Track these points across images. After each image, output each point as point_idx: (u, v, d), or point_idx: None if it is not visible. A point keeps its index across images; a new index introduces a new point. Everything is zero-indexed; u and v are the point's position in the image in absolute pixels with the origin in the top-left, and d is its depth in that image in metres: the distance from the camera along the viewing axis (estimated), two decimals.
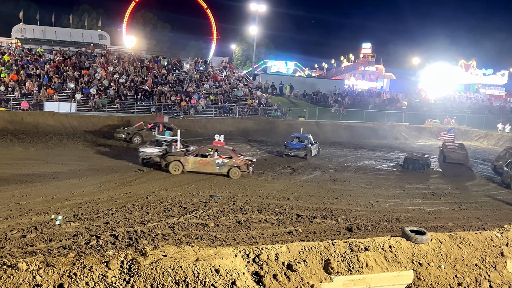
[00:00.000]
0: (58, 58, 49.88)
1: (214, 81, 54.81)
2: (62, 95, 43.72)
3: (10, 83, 42.94)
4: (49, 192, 18.00)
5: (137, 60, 54.48)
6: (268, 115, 50.30)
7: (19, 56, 48.67)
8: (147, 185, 20.46)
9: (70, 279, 6.69)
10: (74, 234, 13.23)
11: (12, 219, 14.29)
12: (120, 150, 30.31)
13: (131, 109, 44.59)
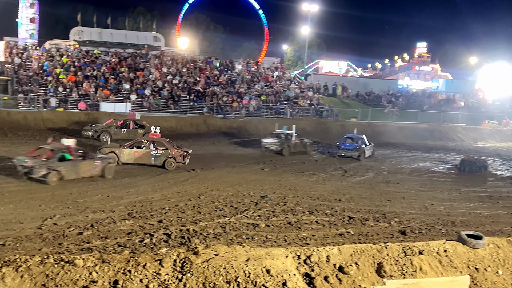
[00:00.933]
0: (114, 59, 51.09)
1: (266, 82, 54.91)
2: (118, 96, 44.73)
3: (68, 84, 44.28)
4: (105, 191, 18.48)
5: (190, 61, 55.16)
6: (319, 116, 49.97)
7: (76, 57, 50.09)
8: (199, 185, 20.70)
9: (124, 276, 6.84)
10: (128, 231, 13.52)
11: (70, 216, 14.74)
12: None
13: (184, 110, 45.16)
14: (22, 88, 42.67)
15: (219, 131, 40.31)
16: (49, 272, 6.70)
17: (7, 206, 15.58)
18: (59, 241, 12.40)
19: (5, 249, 11.53)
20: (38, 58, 48.64)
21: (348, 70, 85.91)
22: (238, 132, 40.63)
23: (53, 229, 13.38)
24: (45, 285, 6.54)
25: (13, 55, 49.00)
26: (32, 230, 13.18)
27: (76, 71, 46.82)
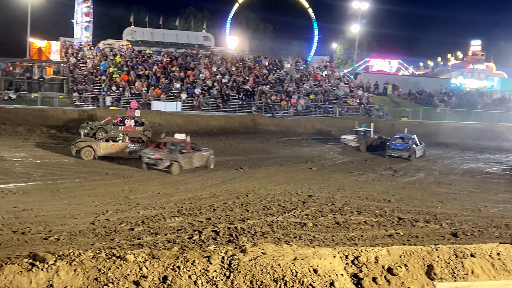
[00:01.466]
0: (166, 59, 51.88)
1: (315, 80, 54.63)
2: (169, 95, 45.43)
3: (121, 83, 45.28)
4: (156, 188, 18.80)
5: (239, 60, 55.46)
6: (369, 115, 49.33)
7: (129, 57, 51.13)
8: (247, 183, 20.77)
9: (174, 272, 6.94)
10: (178, 228, 13.71)
11: (122, 213, 15.06)
12: (225, 148, 31.01)
13: (233, 109, 45.45)
14: (77, 87, 43.93)
15: (267, 130, 40.35)
16: (101, 267, 6.87)
17: (62, 201, 16.07)
18: (111, 236, 12.69)
19: (60, 244, 11.89)
20: (93, 58, 49.92)
21: (399, 69, 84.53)
22: (286, 131, 40.57)
23: (105, 225, 13.71)
24: (97, 279, 6.71)
25: (69, 55, 50.46)
26: (86, 225, 13.53)
27: (128, 70, 47.80)
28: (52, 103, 40.20)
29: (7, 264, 6.72)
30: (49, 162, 22.87)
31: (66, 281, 6.60)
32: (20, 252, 10.91)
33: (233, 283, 6.94)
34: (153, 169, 22.39)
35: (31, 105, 38.98)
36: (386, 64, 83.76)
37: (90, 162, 23.30)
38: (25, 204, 15.42)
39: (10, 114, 36.10)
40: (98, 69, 47.49)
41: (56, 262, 6.84)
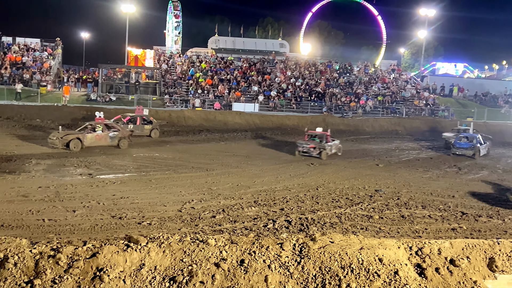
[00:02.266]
0: (245, 65, 52.41)
1: (382, 83, 53.37)
2: (247, 97, 45.88)
3: (206, 86, 46.23)
4: (235, 180, 19.04)
5: (311, 65, 55.12)
6: (435, 116, 47.61)
7: (213, 63, 52.06)
8: (318, 178, 20.63)
9: (250, 256, 7.00)
10: (254, 217, 13.83)
11: (205, 202, 15.37)
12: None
13: (305, 110, 45.28)
14: (167, 90, 45.24)
15: (337, 129, 39.79)
16: (187, 249, 7.04)
17: (154, 191, 16.61)
18: (195, 223, 12.98)
19: (151, 228, 12.30)
20: (181, 64, 51.22)
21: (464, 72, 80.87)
22: (355, 130, 39.93)
23: (190, 212, 14.05)
24: (182, 260, 6.89)
25: (161, 61, 52.06)
26: (174, 212, 13.92)
27: (212, 75, 48.68)
28: (146, 104, 41.58)
29: (106, 245, 7.03)
30: (143, 156, 23.69)
31: (156, 261, 6.82)
32: (117, 234, 11.38)
33: (304, 268, 6.93)
34: (306, 156, 25.80)
35: (129, 106, 40.53)
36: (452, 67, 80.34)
37: (176, 156, 23.91)
38: (122, 192, 16.06)
39: (110, 114, 37.66)
40: (186, 74, 48.70)
41: (147, 244, 7.08)
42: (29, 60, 45.86)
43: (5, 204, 13.88)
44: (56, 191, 15.64)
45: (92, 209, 13.87)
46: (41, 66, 45.57)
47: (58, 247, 6.91)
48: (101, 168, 19.99)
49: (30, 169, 18.98)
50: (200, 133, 34.08)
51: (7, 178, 17.32)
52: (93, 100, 41.70)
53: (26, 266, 6.48)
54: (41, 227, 11.92)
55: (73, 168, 19.82)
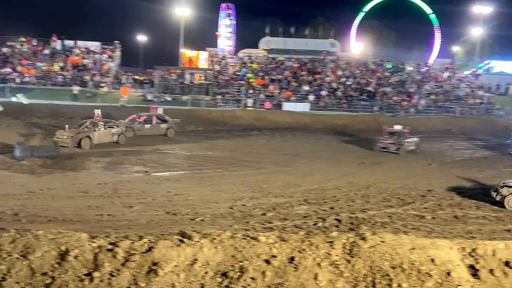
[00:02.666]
0: (296, 65, 52.27)
1: (435, 82, 51.93)
2: (298, 97, 45.76)
3: (257, 87, 46.43)
4: (285, 178, 18.98)
5: (363, 64, 54.34)
6: (490, 115, 45.87)
7: (264, 64, 52.22)
8: (368, 177, 20.28)
9: (300, 253, 6.97)
10: (304, 215, 13.76)
11: (256, 199, 15.41)
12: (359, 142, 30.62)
13: (356, 109, 44.69)
14: (220, 90, 45.74)
15: None
16: (238, 245, 7.08)
17: (206, 188, 16.82)
18: (246, 220, 13.04)
19: (204, 224, 12.46)
20: (233, 65, 51.65)
21: None
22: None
23: (241, 209, 14.12)
24: (234, 256, 6.94)
25: (214, 63, 52.70)
26: (225, 209, 14.04)
27: (264, 75, 48.85)
28: (199, 104, 42.29)
29: (161, 240, 7.18)
30: (197, 154, 24.04)
31: (208, 256, 6.90)
32: (172, 230, 11.59)
33: (354, 267, 6.84)
34: (385, 151, 27.05)
35: (183, 106, 41.28)
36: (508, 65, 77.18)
37: (227, 155, 24.11)
38: (176, 189, 16.35)
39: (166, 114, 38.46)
40: (238, 75, 49.08)
41: (200, 239, 7.17)
42: (89, 63, 47.50)
43: (67, 199, 14.43)
44: (114, 188, 16.11)
45: (148, 205, 14.20)
46: (101, 68, 47.11)
47: (115, 241, 7.12)
48: (157, 166, 20.43)
49: (90, 166, 19.65)
50: (251, 133, 34.24)
51: (69, 174, 18.00)
52: (149, 100, 42.70)
53: (86, 259, 6.70)
54: (100, 222, 12.32)
55: (130, 165, 20.36)
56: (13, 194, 14.58)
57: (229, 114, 39.77)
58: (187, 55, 58.54)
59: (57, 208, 13.34)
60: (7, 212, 12.68)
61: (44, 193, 14.95)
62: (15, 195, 14.51)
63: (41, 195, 14.75)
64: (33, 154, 19.55)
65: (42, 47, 49.17)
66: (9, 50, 47.68)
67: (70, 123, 26.94)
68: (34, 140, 20.21)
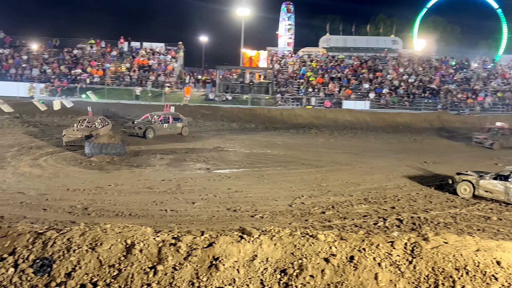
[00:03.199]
0: (356, 62, 51.47)
1: (502, 79, 49.56)
2: (358, 95, 45.05)
3: (316, 85, 46.13)
4: (345, 177, 18.75)
5: (425, 61, 52.73)
6: None
7: (324, 62, 51.77)
8: (431, 176, 19.67)
9: (359, 253, 6.89)
10: (364, 214, 13.55)
11: (315, 198, 15.33)
12: (410, 143, 29.86)
13: (418, 107, 43.44)
14: (279, 89, 45.79)
15: (452, 127, 37.78)
16: (297, 243, 7.09)
17: (266, 186, 16.89)
18: (305, 218, 13.01)
19: (264, 221, 12.52)
20: (293, 64, 51.55)
21: None
22: (472, 128, 37.34)
23: (300, 207, 14.09)
24: (293, 253, 6.94)
25: (273, 62, 52.80)
26: (284, 207, 14.06)
27: (323, 74, 48.45)
28: (259, 103, 42.53)
29: (221, 235, 7.29)
30: (256, 152, 24.19)
31: (268, 253, 6.94)
32: (232, 226, 11.74)
33: (415, 268, 6.68)
34: (479, 146, 28.59)
35: (243, 105, 41.67)
36: None
37: (287, 153, 24.07)
38: (236, 186, 16.53)
39: (227, 113, 39.05)
40: (297, 74, 48.94)
41: (260, 236, 7.23)
42: (154, 63, 48.86)
43: (133, 195, 14.93)
44: (177, 184, 16.51)
45: (209, 201, 14.45)
46: (165, 68, 48.34)
47: (178, 236, 7.30)
48: (218, 163, 20.73)
49: (154, 163, 20.22)
50: (310, 131, 34.06)
51: (135, 171, 18.60)
52: (211, 99, 43.40)
53: (150, 252, 6.92)
54: (163, 217, 12.66)
55: (192, 162, 20.77)
56: (83, 189, 15.26)
57: (288, 113, 39.77)
58: (248, 55, 59.10)
59: (124, 203, 13.84)
60: (77, 206, 13.29)
61: (111, 189, 15.54)
62: (85, 190, 15.18)
63: (109, 190, 15.34)
64: (102, 151, 20.41)
65: (110, 49, 51.08)
66: (79, 52, 49.88)
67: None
68: (103, 138, 21.09)
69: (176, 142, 25.73)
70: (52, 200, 13.91)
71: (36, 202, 13.60)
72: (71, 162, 19.76)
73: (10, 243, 7.06)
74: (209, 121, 36.09)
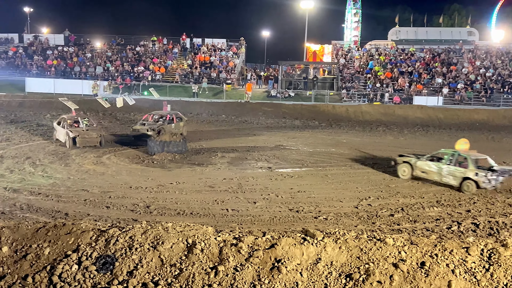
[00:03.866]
0: (428, 56, 50.00)
1: None
2: (430, 90, 43.77)
3: (385, 80, 45.20)
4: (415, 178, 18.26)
5: (504, 53, 50.36)
6: None
7: (393, 56, 50.67)
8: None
9: (431, 258, 6.69)
10: (436, 218, 13.14)
11: (382, 199, 15.03)
12: (487, 143, 28.65)
13: (497, 103, 41.60)
14: (345, 85, 45.26)
15: None
16: (363, 247, 6.97)
17: (330, 186, 16.73)
18: (372, 220, 12.78)
19: (328, 223, 12.42)
20: (360, 58, 50.79)
21: None
22: None
23: (367, 209, 13.87)
24: (359, 257, 6.83)
25: (339, 56, 52.23)
26: (350, 209, 13.88)
27: (392, 68, 47.44)
28: (323, 99, 42.24)
29: (284, 237, 7.29)
30: (320, 151, 24.01)
31: (332, 256, 6.87)
32: (295, 227, 11.73)
33: (493, 276, 6.41)
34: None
35: (306, 102, 41.52)
36: None
37: (352, 152, 23.72)
38: (299, 186, 16.48)
39: (289, 110, 39.06)
40: (364, 68, 48.19)
41: (324, 238, 7.17)
42: (216, 60, 49.66)
43: (194, 193, 15.23)
44: (238, 183, 16.68)
45: (271, 201, 14.50)
46: (227, 65, 49.00)
47: (240, 236, 7.37)
48: (280, 162, 20.77)
49: (216, 162, 20.53)
50: (377, 129, 33.44)
51: (197, 169, 18.97)
52: (273, 96, 43.57)
53: (211, 252, 7.03)
54: (224, 216, 12.83)
55: (254, 161, 20.93)
56: (145, 187, 15.73)
57: (354, 110, 39.25)
58: (312, 49, 58.74)
59: (185, 202, 14.15)
60: (139, 204, 13.72)
61: (173, 187, 15.93)
62: (147, 188, 15.65)
63: (171, 188, 15.73)
64: (164, 149, 20.98)
65: (172, 46, 52.42)
66: (142, 49, 51.52)
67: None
68: (165, 136, 21.66)
69: (237, 140, 26.02)
70: (115, 198, 14.44)
71: (100, 200, 14.17)
72: (133, 160, 20.44)
73: (74, 240, 7.39)
74: (271, 118, 36.25)
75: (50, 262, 7.10)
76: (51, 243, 7.41)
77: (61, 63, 48.29)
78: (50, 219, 11.70)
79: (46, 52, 50.42)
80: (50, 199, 14.21)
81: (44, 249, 7.30)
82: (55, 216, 12.24)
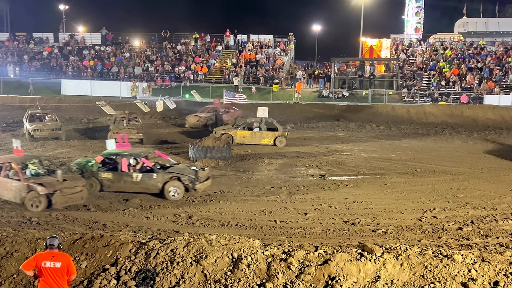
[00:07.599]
0: (501, 50, 48.62)
1: None
2: (504, 88, 42.51)
3: (451, 77, 44.24)
4: (487, 187, 17.75)
5: None
6: None
7: (460, 50, 49.56)
8: None
9: (506, 278, 6.51)
10: (511, 232, 12.75)
11: (449, 211, 14.72)
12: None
13: None
14: (406, 83, 44.56)
15: None
16: (428, 264, 6.84)
17: (390, 196, 16.52)
18: (438, 234, 12.53)
19: (387, 237, 12.25)
20: (422, 53, 49.93)
21: None
22: None
23: (432, 222, 13.60)
24: (423, 276, 6.71)
25: (399, 51, 51.51)
26: (412, 221, 13.65)
27: (459, 64, 46.39)
28: (381, 100, 41.72)
29: (338, 252, 7.23)
30: (378, 157, 23.73)
31: (393, 274, 6.77)
32: (350, 241, 11.63)
33: None
34: None
35: (362, 102, 41.12)
36: None
37: (414, 158, 23.32)
38: (355, 196, 16.36)
39: (342, 111, 38.77)
40: (427, 64, 47.33)
41: (383, 254, 7.08)
42: (262, 58, 49.89)
43: (239, 203, 15.35)
44: (287, 192, 16.69)
45: (323, 212, 14.43)
46: (274, 63, 49.15)
47: (289, 251, 7.37)
48: (333, 169, 20.65)
49: (262, 169, 20.62)
50: (443, 132, 32.74)
51: (242, 177, 19.10)
52: (325, 97, 43.38)
53: (259, 268, 7.04)
54: (272, 229, 12.86)
55: (304, 168, 20.89)
56: (187, 196, 15.95)
57: (416, 111, 38.57)
58: (368, 44, 58.15)
59: (230, 212, 14.28)
60: (181, 215, 13.94)
61: (217, 196, 16.10)
62: (189, 197, 15.86)
63: (214, 197, 15.91)
64: (207, 154, 21.20)
65: (215, 43, 53.03)
66: (183, 47, 52.37)
67: None
68: (208, 141, 21.89)
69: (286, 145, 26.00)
70: (155, 208, 14.71)
71: (139, 209, 14.47)
72: None
73: (113, 253, 7.57)
74: (322, 121, 36.06)
75: (87, 277, 7.30)
76: (88, 256, 7.63)
77: (98, 63, 49.73)
78: (87, 230, 12.03)
79: (83, 52, 52.07)
80: (87, 208, 14.63)
81: (81, 262, 7.51)
82: (92, 227, 12.58)
